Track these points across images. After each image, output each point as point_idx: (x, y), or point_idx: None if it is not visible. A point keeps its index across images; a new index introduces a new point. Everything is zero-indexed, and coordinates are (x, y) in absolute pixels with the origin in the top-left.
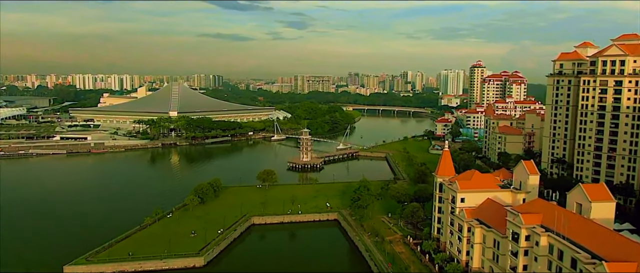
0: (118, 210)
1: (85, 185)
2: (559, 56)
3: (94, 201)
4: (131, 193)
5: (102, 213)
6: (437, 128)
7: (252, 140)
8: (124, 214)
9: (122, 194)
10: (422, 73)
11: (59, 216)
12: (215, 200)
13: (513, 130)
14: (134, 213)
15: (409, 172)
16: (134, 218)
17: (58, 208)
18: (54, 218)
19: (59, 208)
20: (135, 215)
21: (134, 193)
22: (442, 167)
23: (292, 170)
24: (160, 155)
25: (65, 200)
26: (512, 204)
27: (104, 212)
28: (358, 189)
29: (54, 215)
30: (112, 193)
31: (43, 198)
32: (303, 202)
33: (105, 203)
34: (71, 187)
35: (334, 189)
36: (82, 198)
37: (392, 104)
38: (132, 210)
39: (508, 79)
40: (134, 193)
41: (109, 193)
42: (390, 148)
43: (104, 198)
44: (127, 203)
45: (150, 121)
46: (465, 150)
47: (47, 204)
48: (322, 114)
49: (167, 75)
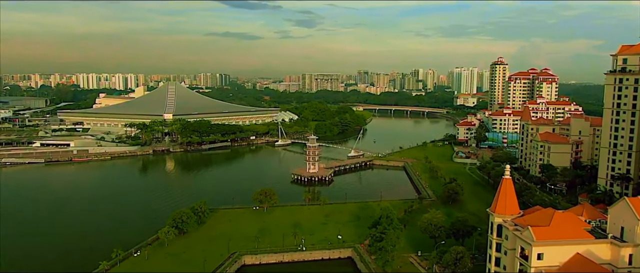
0: (70, 246)
1: (44, 206)
2: (621, 49)
3: (44, 229)
4: (95, 218)
5: (46, 250)
6: (459, 132)
7: (254, 145)
8: (76, 255)
9: (83, 221)
10: (433, 71)
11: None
12: (200, 229)
13: (558, 138)
14: (91, 254)
15: (435, 187)
16: (87, 261)
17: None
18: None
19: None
20: (92, 255)
21: (98, 219)
22: (501, 202)
23: (296, 183)
24: (149, 163)
25: (8, 231)
26: (613, 263)
27: (49, 247)
28: (379, 223)
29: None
30: (71, 219)
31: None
32: (308, 231)
33: (57, 236)
34: (26, 210)
35: (346, 212)
36: (35, 226)
37: (405, 103)
38: (89, 248)
39: (537, 77)
40: (99, 219)
41: (67, 218)
42: (408, 155)
43: (58, 226)
44: (86, 235)
45: (141, 125)
46: (498, 161)
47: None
48: (331, 115)
49: (173, 75)
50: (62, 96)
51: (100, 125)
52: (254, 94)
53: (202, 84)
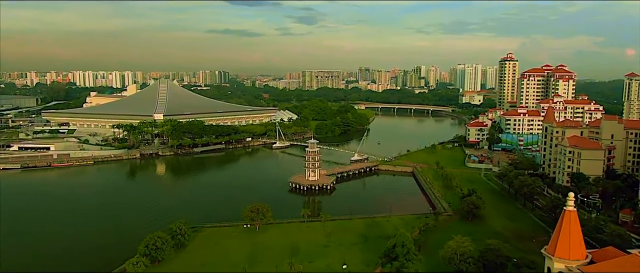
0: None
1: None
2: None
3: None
4: (56, 241)
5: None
6: (470, 133)
7: (250, 148)
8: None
9: (36, 245)
10: (436, 68)
11: None
12: (178, 255)
13: (590, 143)
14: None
15: (450, 198)
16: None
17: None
18: None
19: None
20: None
21: (57, 243)
22: (564, 243)
23: (295, 192)
24: (135, 169)
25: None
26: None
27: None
28: (393, 251)
29: None
30: (18, 244)
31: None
32: (307, 256)
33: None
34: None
35: (351, 230)
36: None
37: (408, 101)
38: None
39: (552, 74)
40: (58, 242)
41: (13, 242)
42: (416, 159)
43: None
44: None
45: (129, 126)
46: (519, 168)
47: None
48: (332, 114)
49: (172, 72)
50: (54, 94)
51: (87, 126)
52: (253, 92)
53: (201, 82)
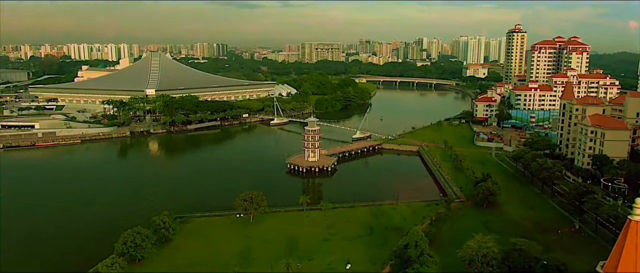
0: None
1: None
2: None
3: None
4: (26, 239)
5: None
6: (478, 109)
7: (247, 125)
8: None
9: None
10: (438, 40)
11: None
12: (161, 252)
13: (614, 122)
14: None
15: (461, 182)
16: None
17: None
18: None
19: None
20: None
21: (29, 241)
22: (628, 259)
23: (293, 174)
24: (125, 148)
25: None
26: None
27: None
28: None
29: None
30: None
31: None
32: (306, 253)
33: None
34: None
35: (354, 220)
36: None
37: (410, 74)
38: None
39: (565, 46)
40: (32, 239)
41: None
42: (421, 137)
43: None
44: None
45: (119, 102)
46: (535, 148)
47: None
48: (332, 89)
49: (170, 44)
50: (46, 68)
51: (77, 102)
52: (251, 65)
53: (198, 54)
